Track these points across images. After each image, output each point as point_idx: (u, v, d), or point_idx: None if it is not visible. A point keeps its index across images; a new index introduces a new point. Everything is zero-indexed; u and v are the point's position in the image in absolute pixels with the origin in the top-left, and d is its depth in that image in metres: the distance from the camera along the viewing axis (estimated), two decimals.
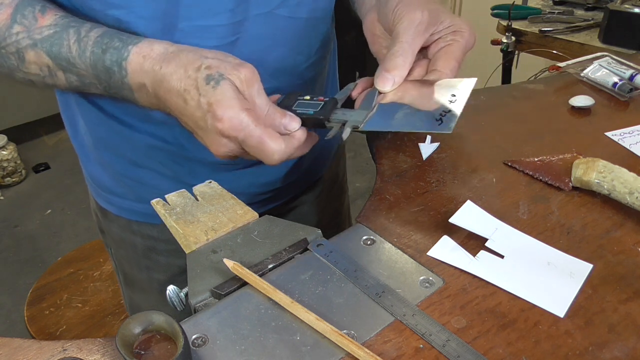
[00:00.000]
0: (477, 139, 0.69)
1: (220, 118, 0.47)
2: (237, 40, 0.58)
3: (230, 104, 0.47)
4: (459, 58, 0.55)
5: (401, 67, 0.54)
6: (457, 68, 0.55)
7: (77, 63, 0.52)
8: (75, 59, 0.52)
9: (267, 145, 0.49)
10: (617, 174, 0.55)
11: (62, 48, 0.52)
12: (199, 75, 0.47)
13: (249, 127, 0.48)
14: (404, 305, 0.44)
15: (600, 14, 1.49)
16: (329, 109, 0.53)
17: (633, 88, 0.78)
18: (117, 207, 0.76)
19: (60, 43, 0.52)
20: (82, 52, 0.51)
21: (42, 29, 0.52)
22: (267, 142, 0.48)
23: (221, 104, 0.47)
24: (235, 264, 0.47)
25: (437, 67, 0.54)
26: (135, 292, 0.84)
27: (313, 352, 0.41)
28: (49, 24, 0.52)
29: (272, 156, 0.49)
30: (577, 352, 0.41)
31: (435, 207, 0.56)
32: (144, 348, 0.42)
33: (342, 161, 0.93)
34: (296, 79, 0.65)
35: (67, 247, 2.08)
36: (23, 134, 2.84)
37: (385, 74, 0.54)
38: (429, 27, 0.54)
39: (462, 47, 0.55)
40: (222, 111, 0.47)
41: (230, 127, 0.47)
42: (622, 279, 0.47)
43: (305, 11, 0.60)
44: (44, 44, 0.52)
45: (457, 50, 0.54)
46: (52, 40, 0.52)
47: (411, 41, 0.53)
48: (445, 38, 0.55)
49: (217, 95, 0.47)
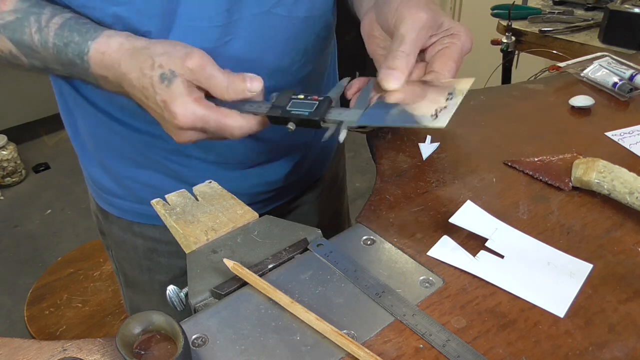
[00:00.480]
0: (477, 139, 0.69)
1: (175, 114, 0.50)
2: (234, 40, 0.58)
3: (182, 100, 0.50)
4: (456, 60, 0.54)
5: (405, 66, 0.53)
6: (455, 70, 0.54)
7: (40, 51, 0.54)
8: (38, 47, 0.54)
9: (226, 125, 0.51)
10: (617, 174, 0.55)
11: (24, 36, 0.54)
12: (154, 74, 0.50)
13: (205, 116, 0.51)
14: (404, 305, 0.44)
15: (600, 14, 1.49)
16: (323, 108, 0.53)
17: (633, 88, 0.78)
18: (118, 208, 0.76)
19: (22, 30, 0.54)
20: (44, 42, 0.54)
21: (3, 14, 0.54)
22: (226, 122, 0.51)
23: (174, 101, 0.50)
24: (235, 264, 0.47)
25: (434, 67, 0.54)
26: (136, 294, 0.84)
27: (313, 352, 0.41)
28: (10, 10, 0.54)
29: (234, 132, 0.52)
30: (577, 352, 0.41)
31: (435, 207, 0.56)
32: (144, 348, 0.42)
33: (342, 161, 0.93)
34: (294, 79, 0.65)
35: (67, 247, 2.08)
36: (23, 134, 2.84)
37: (390, 72, 0.53)
38: (429, 30, 0.54)
39: (458, 49, 0.55)
40: (174, 107, 0.50)
41: (185, 121, 0.50)
42: (622, 279, 0.47)
43: (303, 10, 0.60)
44: (6, 30, 0.54)
45: (454, 53, 0.54)
46: (14, 27, 0.54)
47: (415, 41, 0.53)
48: (443, 41, 0.55)
49: (170, 93, 0.50)
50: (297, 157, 0.75)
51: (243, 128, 0.52)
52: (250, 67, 0.59)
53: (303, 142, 0.75)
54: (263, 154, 0.71)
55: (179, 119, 0.50)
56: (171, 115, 0.50)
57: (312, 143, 0.77)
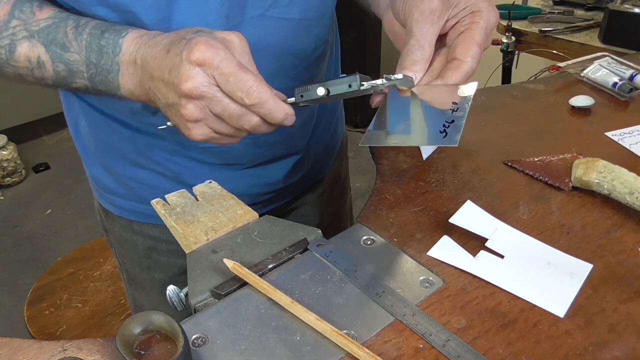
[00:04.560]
0: (477, 139, 0.69)
1: (196, 43, 0.44)
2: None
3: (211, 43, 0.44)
4: (479, 42, 0.51)
5: (420, 61, 0.51)
6: (480, 53, 0.51)
7: (72, 46, 0.52)
8: (71, 42, 0.51)
9: (247, 74, 0.44)
10: (617, 174, 0.55)
11: (57, 34, 0.52)
12: (189, 32, 0.46)
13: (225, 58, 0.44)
14: (404, 305, 0.44)
15: (600, 14, 1.49)
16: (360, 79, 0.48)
17: (633, 88, 0.78)
18: (119, 207, 0.76)
19: (57, 31, 0.52)
20: (78, 35, 0.51)
21: (40, 21, 0.52)
22: (247, 73, 0.45)
23: (201, 39, 0.44)
24: (235, 264, 0.47)
25: (456, 54, 0.51)
26: (137, 291, 0.85)
27: (313, 352, 0.41)
28: (47, 17, 0.53)
29: (251, 88, 0.44)
30: (577, 352, 0.41)
31: (435, 207, 0.56)
32: (144, 348, 0.42)
33: (345, 162, 0.93)
34: (292, 81, 0.64)
35: (67, 247, 2.08)
36: (23, 134, 2.84)
37: (404, 72, 0.52)
38: (442, 14, 0.51)
39: (482, 29, 0.51)
40: (198, 40, 0.44)
41: (204, 50, 0.44)
42: (622, 279, 0.47)
43: (297, 12, 0.60)
44: (41, 35, 0.52)
45: (477, 34, 0.51)
46: (49, 30, 0.52)
47: (425, 33, 0.51)
48: (463, 22, 0.52)
49: (200, 36, 0.45)
50: (297, 158, 0.75)
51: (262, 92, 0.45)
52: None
53: (303, 144, 0.75)
54: (263, 154, 0.71)
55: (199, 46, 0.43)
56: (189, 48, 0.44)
57: (312, 144, 0.77)
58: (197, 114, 0.46)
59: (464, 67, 0.51)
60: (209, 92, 0.45)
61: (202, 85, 0.44)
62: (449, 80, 0.51)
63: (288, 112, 0.48)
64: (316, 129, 0.76)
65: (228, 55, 0.44)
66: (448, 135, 0.47)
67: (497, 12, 0.53)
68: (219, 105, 0.46)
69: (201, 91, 0.45)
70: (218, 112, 0.46)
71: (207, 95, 0.45)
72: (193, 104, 0.46)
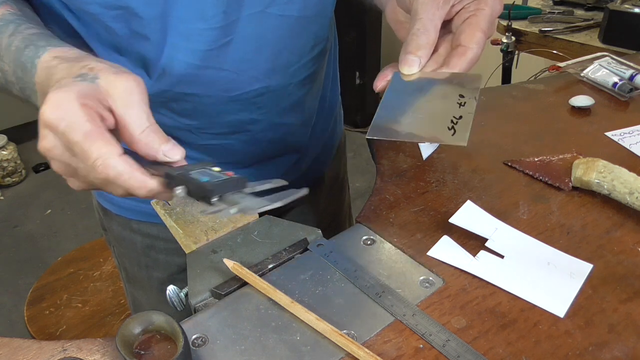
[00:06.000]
0: (477, 139, 0.69)
1: (47, 101, 0.39)
2: (230, 42, 0.58)
3: (61, 102, 0.39)
4: (484, 28, 0.51)
5: (424, 45, 0.51)
6: (484, 40, 0.51)
7: (5, 55, 0.48)
8: (3, 50, 0.48)
9: (93, 145, 0.39)
10: (617, 174, 0.55)
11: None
12: (76, 71, 0.42)
13: (72, 124, 0.38)
14: (404, 305, 0.44)
15: (600, 14, 1.49)
16: (229, 186, 0.42)
17: (633, 88, 0.78)
18: (117, 206, 0.76)
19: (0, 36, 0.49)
20: (9, 45, 0.48)
21: None
22: (95, 142, 0.39)
23: (54, 96, 0.39)
24: (235, 264, 0.47)
25: (461, 41, 0.51)
26: (136, 289, 0.85)
27: (313, 352, 0.41)
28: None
29: (95, 163, 0.39)
30: (577, 352, 0.41)
31: (435, 207, 0.56)
32: (144, 348, 0.42)
33: (343, 161, 0.93)
34: (289, 79, 0.64)
35: (67, 247, 2.08)
36: (23, 134, 2.84)
37: (409, 57, 0.51)
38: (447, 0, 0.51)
39: (487, 15, 0.51)
40: (49, 97, 0.39)
41: (50, 112, 0.38)
42: (622, 279, 0.47)
43: (296, 9, 0.60)
44: None
45: (482, 21, 0.51)
46: None
47: (431, 17, 0.50)
48: (469, 8, 0.52)
49: (61, 88, 0.40)
50: (295, 157, 0.75)
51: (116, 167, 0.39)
52: (247, 67, 0.59)
53: (300, 142, 0.75)
54: (259, 153, 0.71)
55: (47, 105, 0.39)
56: (41, 112, 0.39)
57: (310, 143, 0.77)
58: (57, 167, 0.43)
59: (468, 54, 0.51)
60: (62, 157, 0.42)
61: (55, 148, 0.41)
62: (454, 67, 0.51)
63: (152, 190, 0.41)
64: (315, 127, 0.76)
65: (78, 118, 0.39)
66: (457, 133, 0.47)
67: (502, 0, 0.52)
68: (72, 169, 0.42)
69: (53, 154, 0.41)
70: (73, 173, 0.43)
71: (59, 159, 0.42)
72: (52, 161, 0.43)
